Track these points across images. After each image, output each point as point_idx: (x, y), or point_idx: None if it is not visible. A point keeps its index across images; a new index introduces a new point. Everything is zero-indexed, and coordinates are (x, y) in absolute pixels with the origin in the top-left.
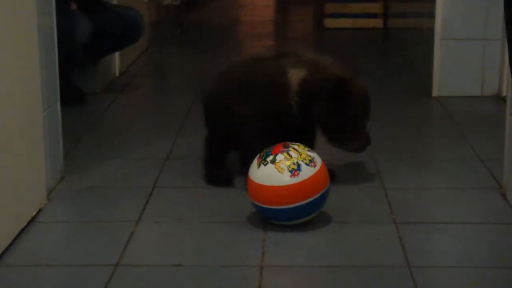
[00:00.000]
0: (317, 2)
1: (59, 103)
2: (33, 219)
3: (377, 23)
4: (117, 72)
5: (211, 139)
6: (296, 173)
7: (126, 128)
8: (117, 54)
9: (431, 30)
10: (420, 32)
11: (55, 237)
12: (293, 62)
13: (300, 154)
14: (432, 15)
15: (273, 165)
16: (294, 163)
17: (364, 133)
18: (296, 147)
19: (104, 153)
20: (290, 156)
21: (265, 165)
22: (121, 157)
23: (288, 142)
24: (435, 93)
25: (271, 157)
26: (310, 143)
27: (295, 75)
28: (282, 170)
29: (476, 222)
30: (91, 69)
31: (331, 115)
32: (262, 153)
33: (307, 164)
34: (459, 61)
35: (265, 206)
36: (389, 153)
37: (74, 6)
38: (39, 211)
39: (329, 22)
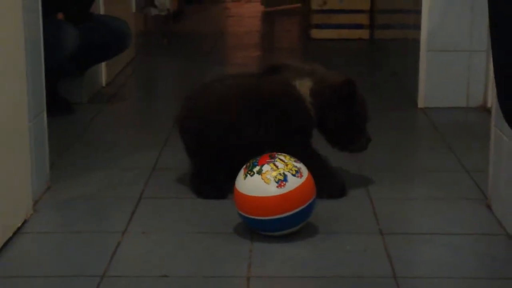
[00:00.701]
0: (303, 13)
1: (45, 113)
2: (18, 229)
3: (363, 34)
4: (103, 82)
5: (203, 161)
6: (282, 184)
7: (112, 138)
8: (103, 64)
9: (417, 41)
10: (406, 43)
11: (41, 248)
12: (294, 74)
13: (287, 165)
14: (417, 27)
15: (260, 176)
16: (280, 174)
17: (365, 132)
18: (282, 157)
19: (91, 163)
20: (277, 166)
21: (251, 175)
22: (108, 167)
23: (274, 153)
24: (420, 104)
25: (257, 168)
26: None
27: (304, 86)
28: (269, 180)
29: (462, 233)
30: (78, 79)
31: (340, 119)
32: (248, 164)
33: (294, 175)
34: (444, 73)
35: (251, 216)
36: (375, 163)
37: (61, 16)
38: (25, 221)
39: (316, 33)
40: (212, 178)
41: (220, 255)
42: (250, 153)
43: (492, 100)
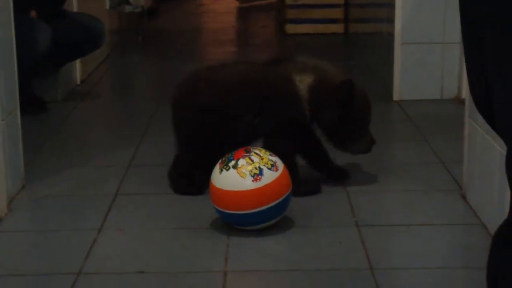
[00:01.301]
0: (278, 8)
1: (18, 111)
2: None
3: (338, 28)
4: (78, 80)
5: (188, 151)
6: (258, 178)
7: (87, 136)
8: (78, 62)
9: (391, 34)
10: (380, 37)
11: (17, 247)
12: (296, 68)
13: (262, 159)
14: (391, 20)
15: (235, 170)
16: (256, 168)
17: (368, 133)
18: (258, 151)
19: (66, 161)
20: (252, 161)
21: (227, 170)
22: (83, 165)
23: (250, 147)
24: (395, 97)
25: (233, 162)
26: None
27: (303, 82)
28: (244, 175)
29: (438, 224)
30: (52, 77)
31: (340, 119)
32: (224, 159)
33: (269, 169)
34: (419, 65)
35: (227, 211)
36: (351, 156)
37: (33, 14)
38: (0, 220)
39: (291, 28)
40: (191, 174)
41: (196, 250)
42: (240, 145)
43: (466, 92)
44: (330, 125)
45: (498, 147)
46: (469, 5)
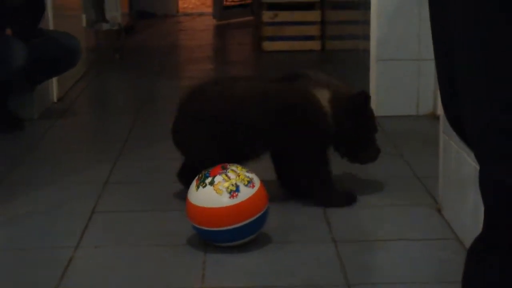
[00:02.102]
0: (255, 25)
1: None
2: None
3: (315, 45)
4: (55, 98)
5: (201, 163)
6: (235, 194)
7: (64, 154)
8: (54, 79)
9: (367, 51)
10: (356, 53)
11: None
12: (312, 83)
13: (239, 175)
14: (367, 37)
15: (212, 187)
16: (232, 185)
17: (375, 142)
18: (234, 168)
19: (42, 179)
20: (229, 177)
21: (203, 187)
22: (59, 183)
23: (226, 164)
24: None
25: (209, 179)
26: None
27: (322, 96)
28: (221, 191)
29: (414, 239)
30: (28, 95)
31: (356, 130)
32: (200, 175)
33: (246, 185)
34: (394, 82)
35: (204, 228)
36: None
37: (9, 32)
38: None
39: (267, 45)
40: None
41: (173, 267)
42: (250, 159)
43: (441, 108)
44: (347, 135)
45: (473, 162)
46: (437, 23)
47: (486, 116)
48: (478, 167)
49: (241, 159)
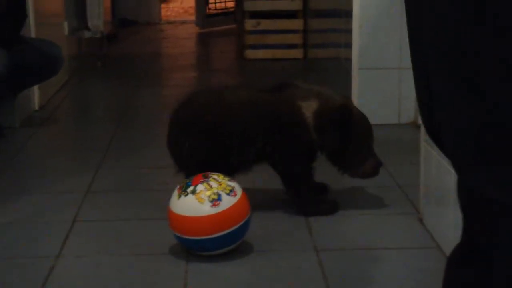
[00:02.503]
0: (238, 33)
1: None
2: None
3: (297, 53)
4: (36, 106)
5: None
6: (216, 203)
7: (46, 162)
8: (36, 87)
9: (349, 60)
10: (338, 62)
11: None
12: (301, 94)
13: (220, 184)
14: (349, 46)
15: (194, 196)
16: (214, 193)
17: (373, 155)
18: (216, 177)
19: (23, 188)
20: (211, 186)
21: (185, 196)
22: (41, 192)
23: (208, 172)
24: None
25: (191, 188)
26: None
27: (309, 108)
28: (203, 200)
29: (395, 247)
30: (10, 103)
31: (341, 143)
32: (182, 184)
33: (228, 194)
34: (376, 90)
35: (186, 237)
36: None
37: None
38: None
39: (250, 53)
40: None
41: (155, 276)
42: (243, 170)
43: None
44: (333, 149)
45: (453, 171)
46: (413, 33)
47: (460, 125)
48: (457, 176)
49: (233, 168)
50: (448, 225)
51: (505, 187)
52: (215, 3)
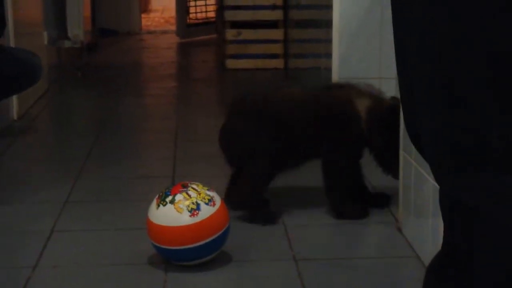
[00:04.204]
0: (218, 43)
1: None
2: None
3: (278, 63)
4: (15, 116)
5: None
6: (195, 213)
7: (24, 172)
8: (15, 97)
9: (329, 69)
10: (319, 71)
11: None
12: (354, 92)
13: (199, 194)
14: (329, 56)
15: (172, 205)
16: (193, 203)
17: None
18: (195, 186)
19: (1, 197)
20: (189, 195)
21: (164, 205)
22: (18, 202)
23: (187, 182)
24: None
25: (170, 198)
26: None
27: (362, 105)
28: (181, 210)
29: (374, 257)
30: None
31: (389, 143)
32: (161, 194)
33: (207, 204)
34: None
35: (165, 247)
36: (286, 190)
37: None
38: None
39: (231, 63)
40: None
41: (133, 286)
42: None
43: (400, 125)
44: (379, 147)
45: (431, 180)
46: (398, 41)
47: (438, 131)
48: (437, 185)
49: (289, 163)
50: (427, 234)
51: (481, 194)
52: (196, 13)
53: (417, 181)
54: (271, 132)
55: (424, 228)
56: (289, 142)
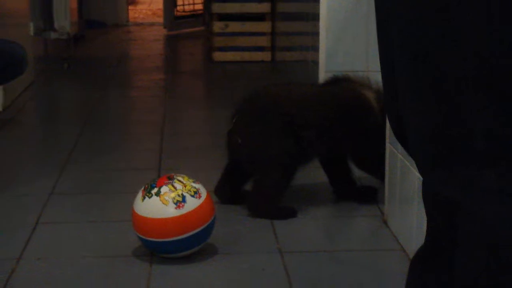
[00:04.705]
0: (206, 36)
1: None
2: None
3: (265, 56)
4: (0, 107)
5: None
6: (181, 205)
7: (9, 164)
8: (0, 88)
9: (316, 62)
10: (306, 64)
11: None
12: (359, 85)
13: (185, 186)
14: (316, 48)
15: (158, 198)
16: (179, 195)
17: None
18: (180, 178)
19: None
20: (175, 188)
21: (149, 197)
22: (3, 193)
23: (172, 174)
24: None
25: (155, 190)
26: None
27: (371, 97)
28: (167, 202)
29: (360, 249)
30: None
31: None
32: (146, 186)
33: (192, 196)
34: None
35: (150, 239)
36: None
37: None
38: None
39: (218, 56)
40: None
41: (118, 279)
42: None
43: (385, 119)
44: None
45: (417, 173)
46: (382, 34)
47: (422, 125)
48: (421, 178)
49: (303, 159)
50: (412, 227)
51: (464, 188)
52: (183, 5)
53: (403, 174)
54: (286, 135)
55: (409, 221)
56: (304, 142)
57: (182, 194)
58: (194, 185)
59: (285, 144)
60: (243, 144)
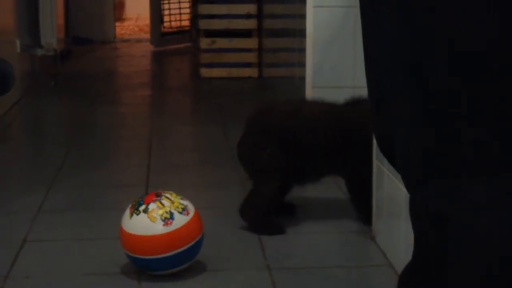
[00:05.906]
0: (193, 52)
1: None
2: None
3: (252, 72)
4: None
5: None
6: (169, 222)
7: None
8: None
9: (302, 78)
10: (292, 80)
11: None
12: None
13: (173, 203)
14: (303, 64)
15: (146, 215)
16: (167, 212)
17: None
18: (168, 195)
19: None
20: (163, 205)
21: (137, 214)
22: None
23: (160, 191)
24: None
25: (143, 207)
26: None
27: None
28: (155, 219)
29: (347, 266)
30: None
31: None
32: (134, 203)
33: (180, 213)
34: None
35: (138, 256)
36: None
37: None
38: None
39: (205, 72)
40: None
41: None
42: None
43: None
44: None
45: (404, 188)
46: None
47: (412, 139)
48: (409, 194)
49: (306, 179)
50: (400, 242)
51: (454, 201)
52: (170, 21)
53: (390, 190)
54: (284, 151)
55: (397, 237)
56: (302, 161)
57: (170, 211)
58: (182, 202)
59: (281, 160)
60: (246, 158)
